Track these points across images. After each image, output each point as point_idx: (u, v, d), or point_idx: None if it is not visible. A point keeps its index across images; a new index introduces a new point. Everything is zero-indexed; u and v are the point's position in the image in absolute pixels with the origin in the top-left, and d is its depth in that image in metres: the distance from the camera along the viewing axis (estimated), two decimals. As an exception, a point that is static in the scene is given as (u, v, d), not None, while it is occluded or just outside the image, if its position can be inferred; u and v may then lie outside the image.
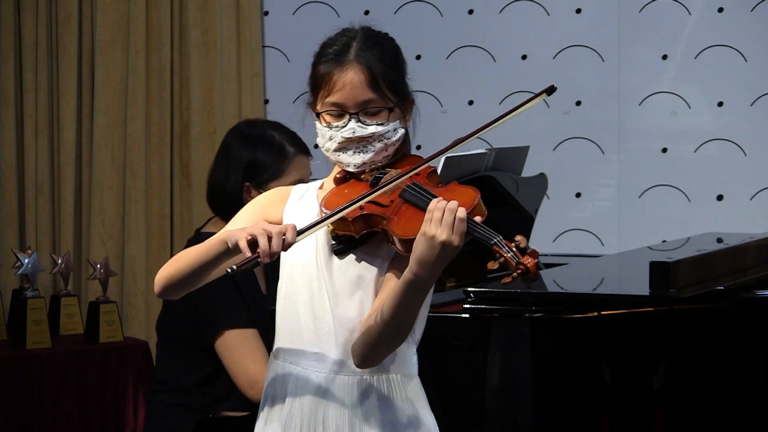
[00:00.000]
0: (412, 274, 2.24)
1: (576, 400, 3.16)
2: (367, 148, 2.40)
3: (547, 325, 3.15)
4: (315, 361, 2.40)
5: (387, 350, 2.35)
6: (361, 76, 2.39)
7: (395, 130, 2.43)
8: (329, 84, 2.42)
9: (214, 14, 5.60)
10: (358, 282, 2.38)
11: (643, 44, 5.37)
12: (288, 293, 2.45)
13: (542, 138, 5.38)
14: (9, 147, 5.33)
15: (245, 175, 3.52)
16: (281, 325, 2.47)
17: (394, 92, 2.42)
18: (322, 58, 2.47)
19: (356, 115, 2.40)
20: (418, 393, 2.45)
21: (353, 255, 2.39)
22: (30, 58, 5.36)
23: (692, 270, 3.39)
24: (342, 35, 2.49)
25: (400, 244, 2.29)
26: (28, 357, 4.54)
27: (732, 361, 3.24)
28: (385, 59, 2.42)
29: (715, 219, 5.20)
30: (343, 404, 2.39)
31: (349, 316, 2.38)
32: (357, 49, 2.43)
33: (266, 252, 2.21)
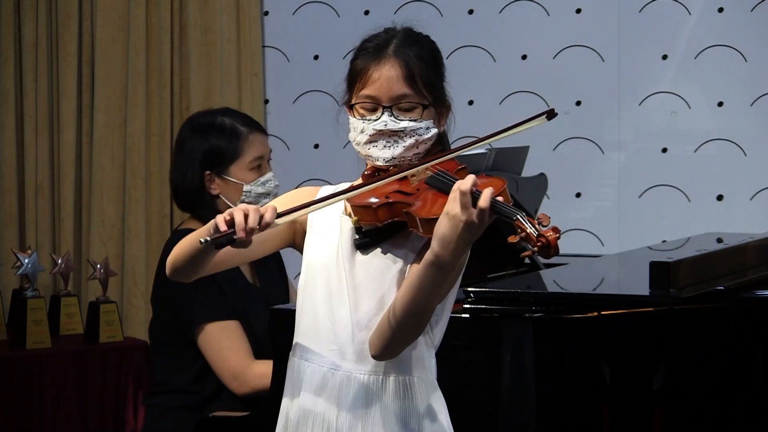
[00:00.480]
0: (433, 254, 2.21)
1: (576, 400, 3.16)
2: (398, 143, 2.39)
3: (547, 325, 3.15)
4: (331, 359, 2.38)
5: (405, 341, 2.32)
6: (398, 71, 2.39)
7: (428, 128, 2.42)
8: (365, 77, 2.41)
9: (214, 14, 5.60)
10: (381, 279, 2.36)
11: (643, 44, 5.37)
12: (307, 289, 2.43)
13: (542, 138, 5.38)
14: (9, 147, 5.33)
15: (203, 165, 3.50)
16: (300, 322, 2.45)
17: (429, 91, 2.42)
18: (361, 52, 2.45)
19: (389, 109, 2.39)
20: (436, 397, 2.43)
21: (378, 249, 2.36)
22: (30, 58, 5.36)
23: (692, 270, 3.39)
24: (383, 32, 2.48)
25: (421, 225, 2.27)
26: (28, 357, 4.54)
27: (732, 361, 3.24)
28: (423, 57, 2.43)
29: (715, 219, 5.20)
30: (358, 404, 2.37)
31: (369, 315, 2.36)
32: (396, 45, 2.42)
33: (241, 226, 2.19)
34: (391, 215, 2.32)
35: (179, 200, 3.60)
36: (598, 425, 3.16)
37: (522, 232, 2.17)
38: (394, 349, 2.33)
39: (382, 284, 2.36)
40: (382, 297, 2.36)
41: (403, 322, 2.28)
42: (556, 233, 2.15)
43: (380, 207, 2.32)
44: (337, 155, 5.42)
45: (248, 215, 2.21)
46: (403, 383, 2.38)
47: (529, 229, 2.16)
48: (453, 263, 2.23)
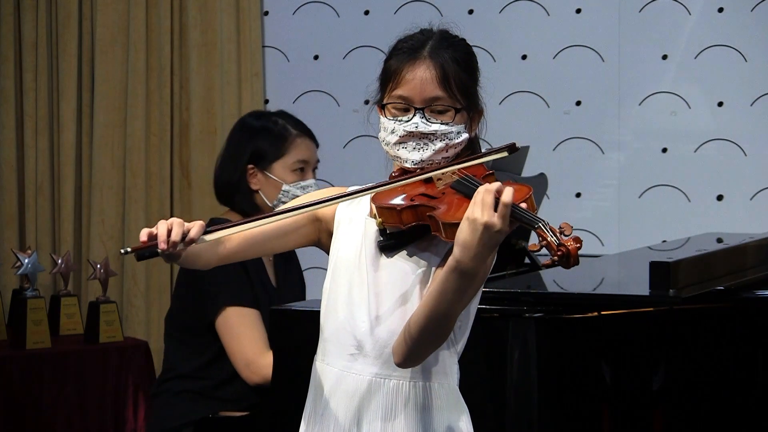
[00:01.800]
0: (455, 260, 2.18)
1: (576, 401, 3.16)
2: (428, 146, 2.36)
3: (547, 325, 3.14)
4: (352, 363, 2.36)
5: (429, 347, 2.29)
6: (432, 72, 2.36)
7: (459, 133, 2.39)
8: (398, 77, 2.37)
9: (214, 14, 5.60)
10: (402, 282, 2.33)
11: (643, 44, 5.36)
12: (331, 292, 2.41)
13: (542, 138, 5.38)
14: (9, 147, 5.33)
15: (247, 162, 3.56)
16: (324, 326, 2.42)
17: (463, 94, 2.39)
18: (395, 52, 2.42)
19: (422, 111, 2.35)
20: (456, 402, 2.41)
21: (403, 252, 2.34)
22: (30, 58, 5.36)
23: (692, 270, 3.39)
24: (419, 33, 2.46)
25: (444, 230, 2.24)
26: (28, 357, 4.54)
27: (732, 361, 3.24)
28: (458, 60, 2.41)
29: (715, 219, 5.19)
30: (378, 411, 2.35)
31: (391, 318, 2.34)
32: (432, 47, 2.40)
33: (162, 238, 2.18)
34: (415, 218, 2.30)
35: (219, 192, 3.64)
36: (598, 425, 3.16)
37: (543, 241, 2.15)
38: (417, 356, 2.30)
39: (404, 288, 2.33)
40: (404, 301, 2.33)
41: (427, 328, 2.25)
42: (577, 243, 2.13)
43: (404, 209, 2.29)
44: (337, 155, 5.42)
45: (171, 229, 2.20)
46: (424, 389, 2.36)
47: (549, 238, 2.15)
48: (476, 269, 2.19)
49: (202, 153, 5.55)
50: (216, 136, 5.54)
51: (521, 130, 5.32)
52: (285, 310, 3.23)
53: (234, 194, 3.59)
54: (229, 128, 5.65)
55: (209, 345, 3.48)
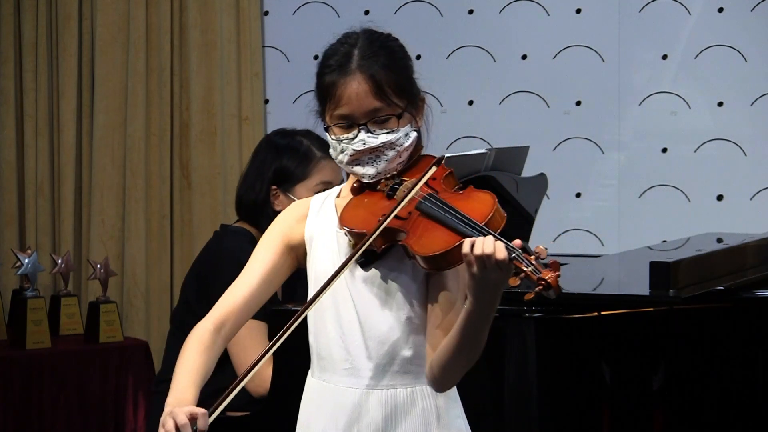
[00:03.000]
0: (472, 306, 2.20)
1: (576, 400, 3.16)
2: (380, 158, 2.36)
3: (547, 325, 3.14)
4: (347, 377, 2.37)
5: (462, 372, 2.32)
6: (365, 86, 2.34)
7: (407, 135, 2.38)
8: (335, 97, 2.36)
9: (214, 14, 5.60)
10: (386, 293, 2.34)
11: (643, 44, 5.37)
12: (316, 310, 2.40)
13: (542, 138, 5.38)
14: (9, 147, 5.33)
15: (272, 180, 3.55)
16: (313, 343, 2.43)
17: (401, 96, 2.37)
18: (326, 69, 2.40)
19: (365, 126, 2.35)
20: (452, 401, 2.42)
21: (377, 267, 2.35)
22: (30, 58, 5.36)
23: (692, 270, 3.39)
24: (343, 42, 2.40)
25: (422, 262, 2.25)
26: (28, 357, 4.54)
27: (732, 361, 3.24)
28: (389, 64, 2.36)
29: (715, 219, 5.19)
30: (375, 420, 2.35)
31: (380, 329, 2.35)
32: (359, 58, 2.36)
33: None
34: (387, 241, 2.30)
35: (242, 210, 3.61)
36: (598, 425, 3.16)
37: (521, 273, 2.14)
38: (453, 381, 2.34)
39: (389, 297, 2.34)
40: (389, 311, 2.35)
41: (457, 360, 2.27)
42: (555, 271, 2.11)
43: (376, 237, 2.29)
44: (337, 155, 5.41)
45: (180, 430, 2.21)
46: (421, 392, 2.37)
47: (527, 269, 2.13)
48: (494, 306, 2.22)
49: (202, 153, 5.55)
50: (216, 136, 5.54)
51: (521, 130, 5.33)
52: (285, 310, 3.23)
53: (258, 215, 3.56)
54: (230, 128, 5.69)
55: None
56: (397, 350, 2.35)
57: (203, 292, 3.48)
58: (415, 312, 2.34)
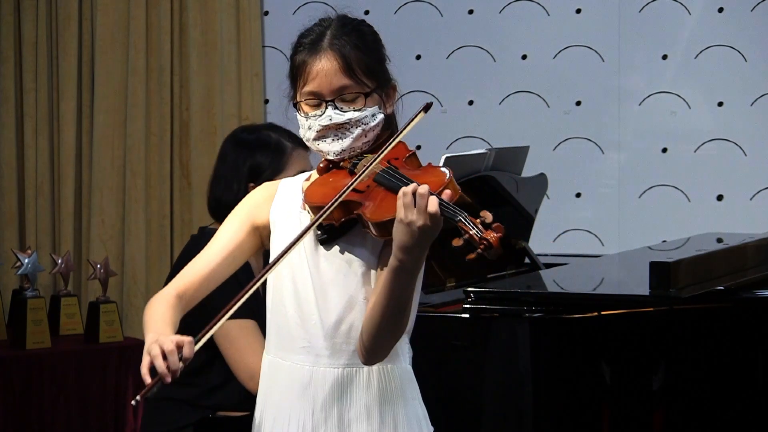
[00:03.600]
0: (397, 260, 2.23)
1: (576, 401, 3.16)
2: (345, 135, 2.40)
3: (547, 325, 3.14)
4: (304, 355, 2.41)
5: (390, 341, 2.34)
6: (335, 63, 2.40)
7: (373, 115, 2.42)
8: (305, 73, 2.42)
9: (214, 14, 5.60)
10: (345, 272, 2.38)
11: (643, 44, 5.37)
12: (275, 287, 2.46)
13: (542, 138, 5.38)
14: (9, 147, 5.33)
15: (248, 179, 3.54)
16: (270, 321, 2.48)
17: (370, 77, 2.41)
18: (298, 48, 2.47)
19: (332, 102, 2.40)
20: (409, 383, 2.46)
21: (338, 245, 2.39)
22: (30, 58, 5.36)
23: (692, 270, 3.39)
24: (318, 25, 2.50)
25: (373, 228, 2.30)
26: (28, 357, 4.54)
27: (732, 361, 3.24)
28: (359, 44, 2.42)
29: (715, 219, 5.20)
30: (332, 398, 2.39)
31: (337, 307, 2.38)
32: (330, 37, 2.44)
33: (165, 373, 2.22)
34: (346, 214, 2.35)
35: (220, 211, 3.58)
36: (598, 425, 3.16)
37: (465, 234, 2.17)
38: (380, 352, 2.36)
39: (347, 277, 2.38)
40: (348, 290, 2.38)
41: (383, 325, 2.30)
42: (498, 232, 2.15)
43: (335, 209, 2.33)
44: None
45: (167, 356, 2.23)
46: (378, 373, 2.41)
47: (471, 231, 2.17)
48: (419, 264, 2.25)
49: (202, 153, 5.55)
50: (216, 136, 5.54)
51: (521, 130, 5.33)
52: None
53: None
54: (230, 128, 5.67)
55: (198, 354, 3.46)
56: (353, 331, 2.38)
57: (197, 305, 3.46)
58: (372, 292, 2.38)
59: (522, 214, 4.08)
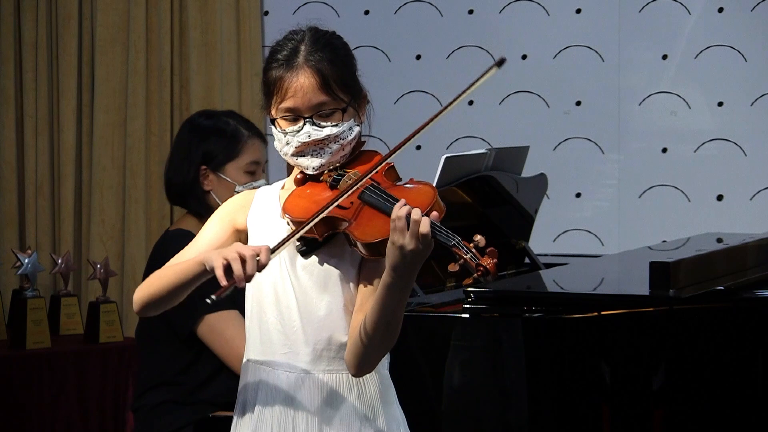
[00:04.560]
0: (390, 278, 2.25)
1: (576, 401, 3.16)
2: (324, 150, 2.42)
3: (547, 325, 3.14)
4: (284, 363, 2.43)
5: (379, 355, 2.37)
6: (312, 80, 2.41)
7: (350, 129, 2.44)
8: (282, 90, 2.42)
9: (214, 14, 5.60)
10: (326, 280, 2.40)
11: (643, 44, 5.37)
12: (255, 296, 2.47)
13: (542, 138, 5.38)
14: (9, 147, 5.33)
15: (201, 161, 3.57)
16: (250, 329, 2.49)
17: (345, 92, 2.44)
18: (273, 63, 2.46)
19: (310, 119, 2.41)
20: (388, 388, 2.48)
21: (318, 255, 2.40)
22: (30, 58, 5.36)
23: (692, 270, 3.39)
24: (290, 39, 2.50)
25: (363, 248, 2.31)
26: (28, 357, 4.54)
27: (732, 361, 3.24)
28: (334, 60, 2.44)
29: (715, 219, 5.20)
30: (312, 404, 2.41)
31: (318, 315, 2.40)
32: (306, 53, 2.44)
33: (241, 277, 2.25)
34: (329, 229, 2.36)
35: (171, 193, 3.66)
36: (598, 425, 3.16)
37: (460, 260, 2.19)
38: (370, 364, 2.38)
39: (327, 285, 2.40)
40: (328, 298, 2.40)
41: (376, 338, 2.31)
42: (493, 258, 2.17)
43: (318, 224, 2.35)
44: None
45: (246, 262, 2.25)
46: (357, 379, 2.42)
47: (466, 256, 2.18)
48: (410, 283, 2.27)
49: (202, 153, 5.54)
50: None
51: (521, 130, 5.33)
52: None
53: (187, 195, 3.59)
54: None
55: (182, 352, 3.47)
56: (334, 336, 2.40)
57: None
58: (352, 299, 2.40)
59: (522, 214, 4.08)
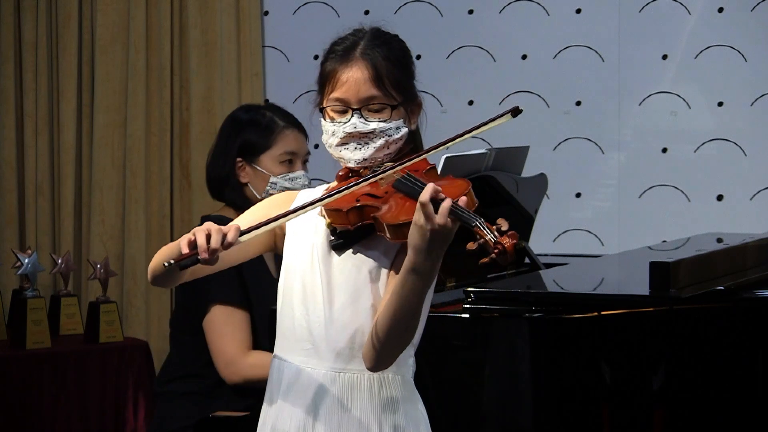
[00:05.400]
0: (411, 263, 2.24)
1: (576, 401, 3.16)
2: (368, 145, 2.42)
3: (547, 325, 3.14)
4: (308, 358, 2.42)
5: (397, 348, 2.34)
6: (365, 73, 2.42)
7: (398, 128, 2.44)
8: (334, 80, 2.44)
9: (214, 14, 5.60)
10: (355, 278, 2.39)
11: (643, 44, 5.37)
12: (285, 290, 2.47)
13: (542, 138, 5.38)
14: (9, 147, 5.33)
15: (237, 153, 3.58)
16: (279, 323, 2.48)
17: (398, 91, 2.44)
18: (330, 55, 2.48)
19: (359, 111, 2.42)
20: (410, 394, 2.46)
21: (351, 251, 2.40)
22: (30, 58, 5.36)
23: (692, 270, 3.39)
24: (351, 34, 2.50)
25: (388, 231, 2.30)
26: (28, 357, 4.54)
27: (732, 361, 3.24)
28: (390, 57, 2.45)
29: (715, 219, 5.20)
30: (332, 404, 2.40)
31: (344, 313, 2.39)
32: (363, 47, 2.45)
33: (203, 248, 2.23)
34: (361, 218, 2.35)
35: (211, 187, 3.66)
36: (598, 425, 3.16)
37: (480, 239, 2.18)
38: (387, 358, 2.36)
39: (356, 285, 2.39)
40: (357, 298, 2.39)
41: (392, 330, 2.30)
42: (513, 239, 2.16)
43: (350, 210, 2.34)
44: (337, 155, 5.42)
45: (211, 236, 2.25)
46: (378, 381, 2.41)
47: (487, 236, 2.18)
48: (432, 269, 2.25)
49: (202, 153, 5.54)
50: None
51: (521, 130, 5.32)
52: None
53: (223, 188, 3.61)
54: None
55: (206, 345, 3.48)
56: (358, 337, 2.39)
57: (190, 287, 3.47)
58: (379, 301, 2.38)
59: (522, 214, 4.08)
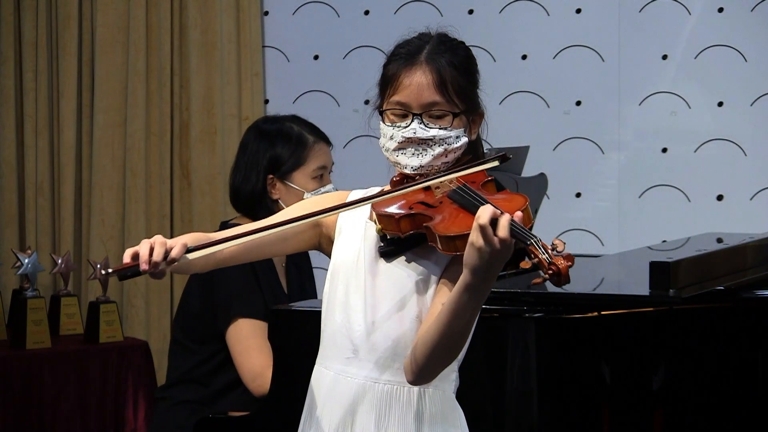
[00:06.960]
0: (465, 282, 2.16)
1: (576, 401, 3.16)
2: (426, 152, 2.36)
3: (547, 325, 3.14)
4: (347, 367, 2.36)
5: (442, 363, 2.28)
6: (429, 78, 2.35)
7: (458, 137, 2.38)
8: (396, 83, 2.36)
9: (214, 14, 5.60)
10: (401, 288, 2.33)
11: (643, 44, 5.36)
12: (329, 296, 2.41)
13: (542, 138, 5.38)
14: (9, 147, 5.33)
15: (267, 169, 3.53)
16: (323, 330, 2.42)
17: (461, 99, 2.39)
18: (393, 57, 2.40)
19: (419, 116, 2.35)
20: (451, 411, 2.39)
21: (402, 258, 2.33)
22: (30, 58, 5.36)
23: (692, 270, 3.39)
24: (417, 38, 2.42)
25: (440, 242, 2.23)
26: (28, 357, 4.54)
27: (732, 361, 3.24)
28: (456, 64, 2.38)
29: (715, 219, 5.19)
30: (372, 412, 2.34)
31: (388, 321, 2.33)
32: (429, 52, 2.38)
33: (144, 259, 2.22)
34: (413, 226, 2.29)
35: (239, 202, 3.58)
36: (598, 425, 3.16)
37: (534, 258, 2.14)
38: (429, 373, 2.29)
39: (402, 294, 2.32)
40: (400, 307, 2.33)
41: (439, 346, 2.23)
42: (568, 261, 2.12)
43: (402, 218, 2.29)
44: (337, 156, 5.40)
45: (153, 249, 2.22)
46: (418, 395, 2.35)
47: (541, 256, 2.13)
48: (487, 287, 2.19)
49: (202, 153, 5.55)
50: (216, 136, 5.54)
51: (521, 130, 5.32)
52: (285, 310, 3.23)
53: (256, 205, 3.53)
54: (230, 128, 5.68)
55: (217, 353, 3.47)
56: (400, 347, 2.32)
57: (208, 297, 3.46)
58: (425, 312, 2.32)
59: (522, 214, 4.07)
